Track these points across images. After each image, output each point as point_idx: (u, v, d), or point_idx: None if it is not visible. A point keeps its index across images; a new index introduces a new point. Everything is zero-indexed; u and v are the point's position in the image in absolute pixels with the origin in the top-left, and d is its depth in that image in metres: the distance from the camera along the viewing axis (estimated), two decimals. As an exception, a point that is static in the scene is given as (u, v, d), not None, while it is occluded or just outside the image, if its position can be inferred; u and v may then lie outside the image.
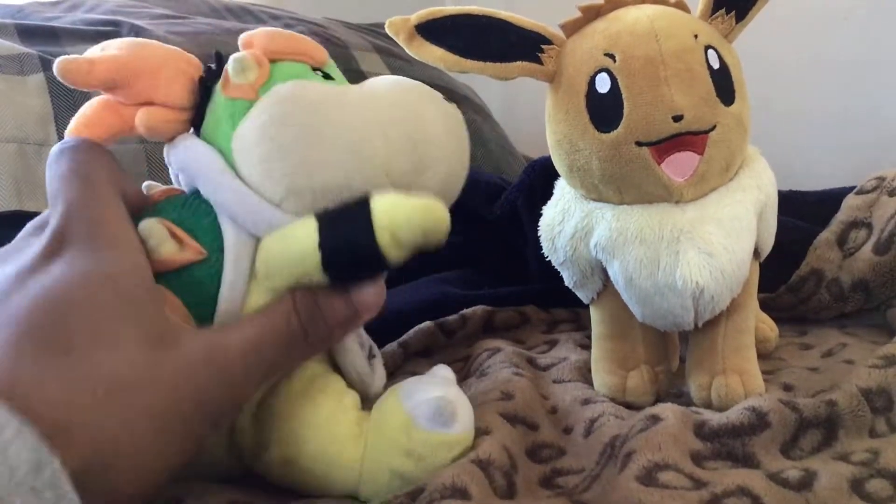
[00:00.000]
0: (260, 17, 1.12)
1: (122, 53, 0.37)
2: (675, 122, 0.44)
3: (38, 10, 1.01)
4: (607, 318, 0.52)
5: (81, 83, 0.37)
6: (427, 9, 0.47)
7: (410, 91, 0.40)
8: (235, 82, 0.38)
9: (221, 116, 0.38)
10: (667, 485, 0.37)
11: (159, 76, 0.38)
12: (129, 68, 0.37)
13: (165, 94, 0.38)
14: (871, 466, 0.38)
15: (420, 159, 0.38)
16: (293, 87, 0.38)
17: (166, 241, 0.36)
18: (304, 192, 0.36)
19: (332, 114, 0.37)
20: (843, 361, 0.55)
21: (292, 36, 0.40)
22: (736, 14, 0.48)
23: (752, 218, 0.47)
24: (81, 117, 0.38)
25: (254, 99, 0.37)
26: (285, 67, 0.39)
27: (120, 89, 0.37)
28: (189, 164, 0.38)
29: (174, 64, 0.39)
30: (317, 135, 0.36)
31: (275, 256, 0.36)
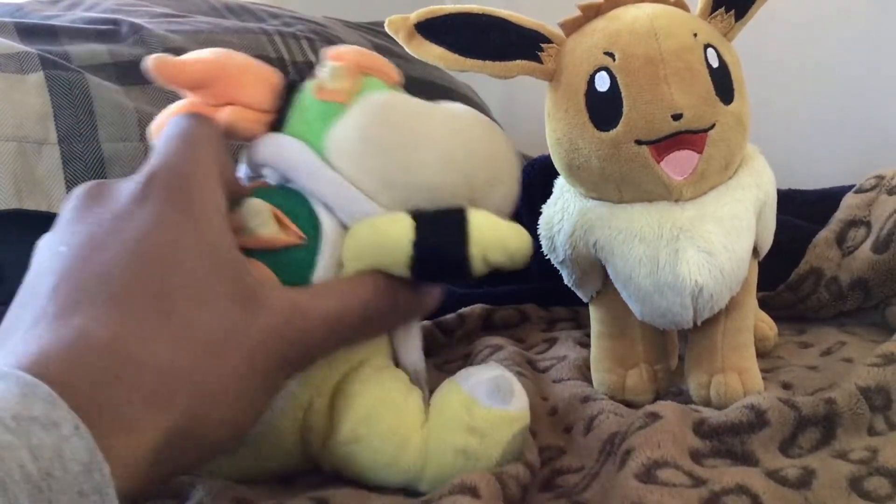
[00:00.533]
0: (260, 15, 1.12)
1: (210, 56, 0.40)
2: (675, 121, 0.44)
3: (37, 8, 1.01)
4: (606, 317, 0.52)
5: (172, 80, 0.38)
6: (426, 7, 0.47)
7: (480, 116, 0.43)
8: (330, 87, 0.41)
9: (312, 117, 0.40)
10: (666, 482, 0.37)
11: (245, 78, 0.40)
12: (217, 70, 0.40)
13: (251, 95, 0.40)
14: (870, 464, 0.38)
15: (494, 175, 0.41)
16: (389, 96, 0.41)
17: (270, 221, 0.38)
18: (398, 187, 0.39)
19: (424, 122, 0.40)
20: (842, 360, 0.55)
21: (375, 55, 0.43)
22: (735, 13, 0.48)
23: (751, 216, 0.47)
24: (167, 116, 0.39)
25: (345, 103, 0.40)
26: (371, 81, 0.42)
27: (207, 89, 0.39)
28: (282, 158, 0.40)
29: (258, 70, 0.41)
30: (413, 137, 0.40)
31: (365, 242, 0.38)
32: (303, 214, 0.39)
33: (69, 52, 0.85)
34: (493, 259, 0.38)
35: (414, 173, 0.39)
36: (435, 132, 0.40)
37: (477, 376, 0.40)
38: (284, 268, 0.37)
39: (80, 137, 0.78)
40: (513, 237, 0.39)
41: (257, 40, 0.99)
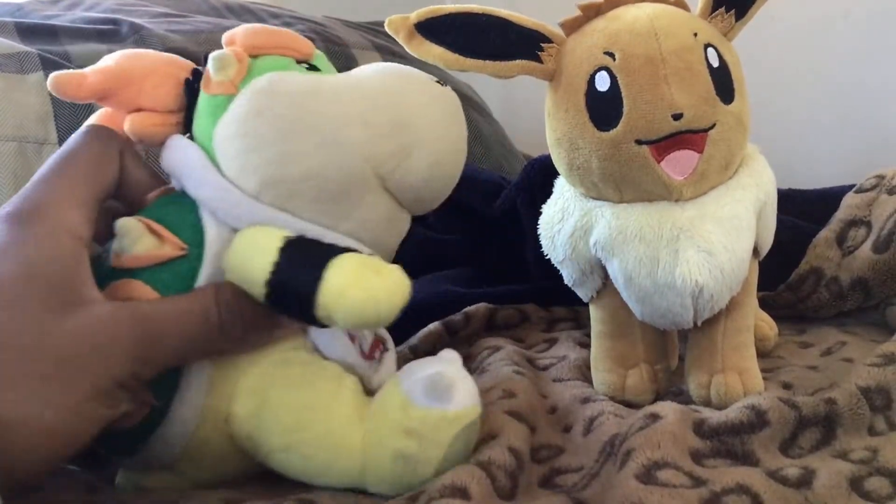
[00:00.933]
0: (260, 15, 1.12)
1: (112, 65, 0.39)
2: (675, 121, 0.44)
3: (37, 8, 1.01)
4: (607, 317, 0.52)
5: (73, 95, 0.38)
6: (427, 7, 0.46)
7: (396, 76, 0.40)
8: (216, 79, 0.39)
9: (203, 114, 0.39)
10: (666, 483, 0.37)
11: (145, 82, 0.39)
12: (118, 78, 0.39)
13: (152, 98, 0.39)
14: (871, 464, 0.38)
15: (404, 143, 0.38)
16: (269, 80, 0.38)
17: (143, 237, 0.37)
18: (278, 183, 0.37)
19: (308, 104, 0.37)
20: (843, 360, 0.55)
21: (274, 31, 0.41)
22: (735, 12, 0.48)
23: (751, 216, 0.47)
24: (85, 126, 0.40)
25: (234, 94, 0.38)
26: (267, 62, 0.39)
27: (109, 99, 0.39)
28: (174, 163, 0.39)
29: (163, 69, 0.40)
30: (290, 126, 0.37)
31: (235, 258, 0.36)
32: (188, 223, 0.38)
33: (69, 51, 0.85)
34: (340, 323, 0.35)
35: (289, 166, 0.37)
36: (317, 113, 0.37)
37: (415, 374, 0.38)
38: (171, 282, 0.37)
39: (80, 137, 0.78)
40: (369, 307, 0.34)
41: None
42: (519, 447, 0.39)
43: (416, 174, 0.39)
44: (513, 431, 0.40)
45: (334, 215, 0.38)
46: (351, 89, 0.39)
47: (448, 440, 0.36)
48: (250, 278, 0.36)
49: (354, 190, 0.38)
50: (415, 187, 0.39)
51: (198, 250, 0.37)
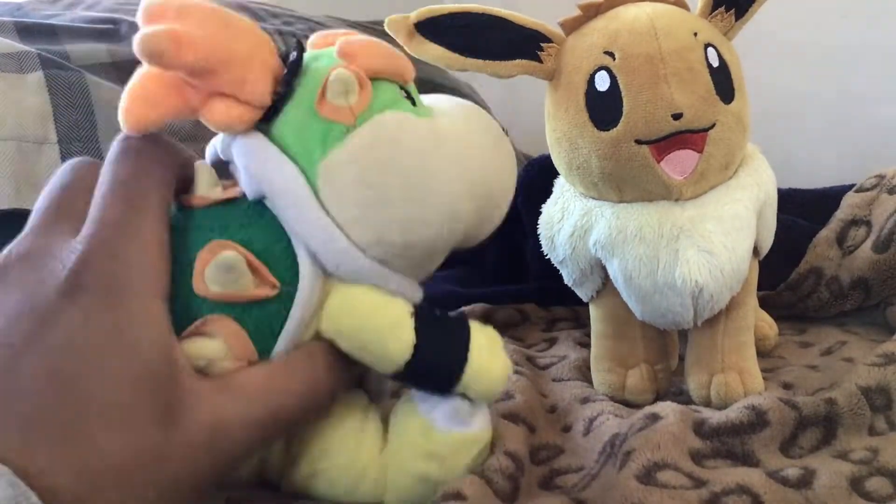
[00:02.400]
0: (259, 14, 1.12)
1: (210, 35, 0.33)
2: (675, 120, 0.44)
3: (37, 7, 1.01)
4: (607, 317, 0.52)
5: (165, 65, 0.32)
6: (426, 7, 0.46)
7: (488, 134, 0.38)
8: (334, 102, 0.34)
9: (310, 135, 0.34)
10: (666, 484, 0.37)
11: (248, 70, 0.33)
12: (218, 56, 0.33)
13: (252, 91, 0.34)
14: (871, 465, 0.38)
15: (490, 212, 0.38)
16: (396, 128, 0.35)
17: (245, 275, 0.33)
18: (395, 245, 0.35)
19: (435, 166, 0.35)
20: (843, 359, 0.55)
21: (392, 52, 0.37)
22: (735, 12, 0.48)
23: (751, 216, 0.47)
24: (143, 93, 0.33)
25: (352, 125, 0.34)
26: (382, 90, 0.36)
27: (203, 77, 0.32)
28: (266, 178, 0.34)
29: (262, 55, 0.34)
30: (419, 190, 0.34)
31: (363, 329, 0.35)
32: (278, 252, 0.34)
33: (69, 51, 0.85)
34: (472, 396, 0.36)
35: (412, 231, 0.35)
36: (444, 178, 0.35)
37: (435, 397, 0.37)
38: (257, 320, 0.34)
39: (79, 137, 0.78)
40: (498, 383, 0.36)
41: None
42: (516, 450, 0.39)
43: (484, 235, 0.38)
44: (508, 435, 0.40)
45: (417, 269, 0.37)
46: (465, 148, 0.36)
47: (468, 461, 0.37)
48: (383, 355, 0.34)
49: (447, 251, 0.37)
50: (475, 243, 0.39)
51: (289, 289, 0.34)
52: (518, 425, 0.43)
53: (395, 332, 0.34)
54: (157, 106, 0.33)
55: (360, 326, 0.35)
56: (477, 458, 0.37)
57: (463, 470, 0.37)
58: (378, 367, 0.35)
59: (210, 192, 0.35)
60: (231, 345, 0.33)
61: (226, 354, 0.33)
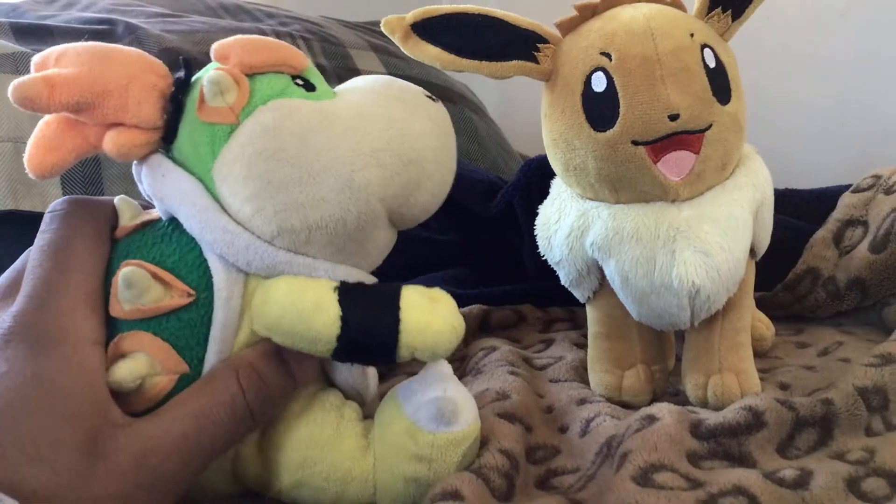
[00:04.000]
0: (256, 15, 1.12)
1: (83, 71, 0.34)
2: (672, 121, 0.44)
3: (33, 8, 1.01)
4: (604, 317, 0.52)
5: (42, 109, 0.33)
6: (423, 7, 0.46)
7: (398, 101, 0.37)
8: (212, 104, 0.35)
9: (199, 142, 0.35)
10: (663, 486, 0.37)
11: (128, 95, 0.34)
12: (94, 89, 0.33)
13: (136, 114, 0.34)
14: (868, 465, 0.38)
15: (412, 178, 0.36)
16: (278, 115, 0.35)
17: (151, 287, 0.34)
18: (298, 230, 0.35)
19: (321, 143, 0.35)
20: (840, 360, 0.55)
21: (269, 45, 0.37)
22: (732, 12, 0.48)
23: (748, 217, 0.47)
24: (42, 139, 0.34)
25: (234, 123, 0.35)
26: (265, 83, 0.36)
27: (84, 112, 0.34)
28: (171, 197, 0.35)
29: (143, 78, 0.35)
30: (305, 171, 0.34)
31: (285, 317, 0.34)
32: (191, 264, 0.35)
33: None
34: (419, 356, 0.35)
35: (309, 213, 0.34)
36: (333, 155, 0.35)
37: (419, 398, 0.37)
38: (180, 331, 0.34)
39: (75, 138, 0.78)
40: (444, 338, 0.35)
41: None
42: (510, 448, 0.39)
43: (421, 206, 0.37)
44: (503, 433, 0.40)
45: (345, 253, 0.36)
46: (358, 119, 0.36)
47: (457, 459, 0.37)
48: (313, 336, 0.34)
49: (368, 228, 0.36)
50: (417, 217, 0.38)
51: (206, 294, 0.35)
52: (514, 424, 0.43)
53: (319, 310, 0.34)
54: (55, 150, 0.34)
55: (282, 313, 0.34)
56: (466, 455, 0.37)
57: (453, 468, 0.36)
58: (314, 350, 0.34)
59: (131, 222, 0.36)
60: (156, 358, 0.34)
61: (155, 369, 0.34)
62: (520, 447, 0.41)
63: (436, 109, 0.39)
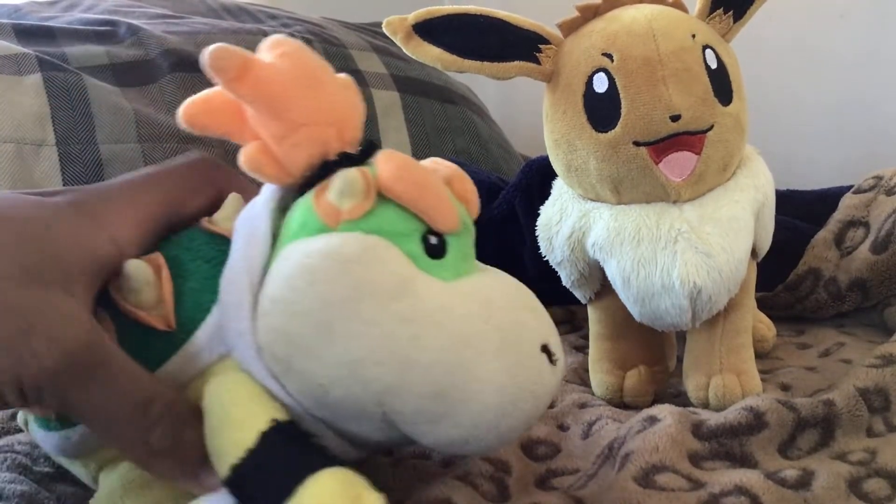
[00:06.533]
0: (257, 16, 1.12)
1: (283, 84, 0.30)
2: (673, 122, 0.44)
3: (35, 9, 1.01)
4: (605, 318, 0.52)
5: (222, 83, 0.30)
6: (425, 8, 0.46)
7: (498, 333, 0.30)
8: (329, 198, 0.30)
9: (300, 212, 0.31)
10: (664, 487, 0.37)
11: (295, 134, 0.31)
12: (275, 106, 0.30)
13: (286, 153, 0.31)
14: (869, 466, 0.38)
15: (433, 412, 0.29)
16: (364, 255, 0.29)
17: (143, 293, 0.31)
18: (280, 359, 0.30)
19: (369, 312, 0.29)
20: (841, 361, 0.55)
21: (429, 188, 0.31)
22: (734, 13, 0.48)
23: (749, 218, 0.47)
24: (209, 101, 0.32)
25: (331, 228, 0.30)
26: (389, 215, 0.30)
27: (251, 112, 0.31)
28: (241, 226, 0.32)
29: (321, 129, 0.31)
30: (328, 332, 0.29)
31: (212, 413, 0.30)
32: (205, 302, 0.31)
33: (67, 53, 0.85)
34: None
35: (302, 360, 0.30)
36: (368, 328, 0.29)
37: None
38: (130, 342, 0.31)
39: (77, 139, 0.78)
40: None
41: (255, 41, 0.98)
42: (493, 454, 0.39)
43: (431, 440, 0.30)
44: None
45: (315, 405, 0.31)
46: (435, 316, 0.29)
47: None
48: (217, 449, 0.29)
49: (350, 410, 0.30)
50: (429, 445, 0.32)
51: (182, 337, 0.31)
52: None
53: (235, 428, 0.29)
54: (212, 115, 0.32)
55: (211, 402, 0.30)
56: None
57: None
58: (214, 459, 0.30)
59: (223, 221, 0.33)
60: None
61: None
62: (506, 449, 0.41)
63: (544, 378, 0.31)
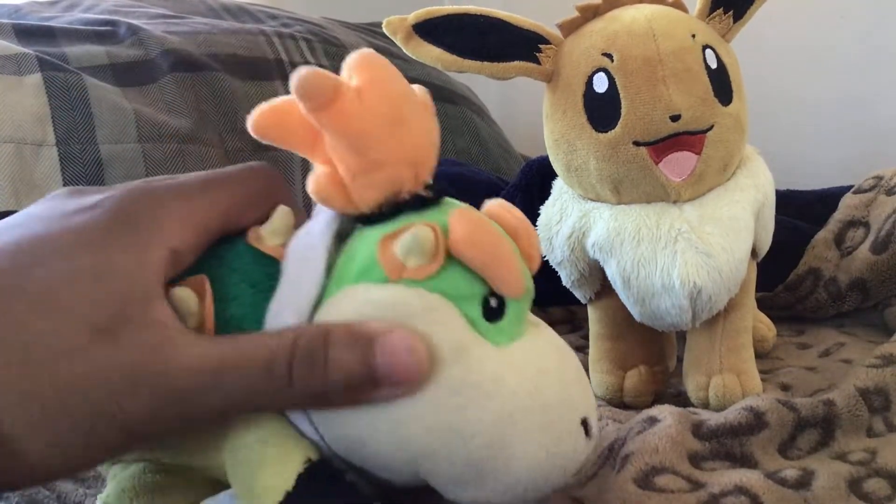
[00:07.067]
0: (258, 16, 1.12)
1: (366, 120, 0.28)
2: (673, 122, 0.44)
3: (35, 9, 1.01)
4: (605, 318, 0.52)
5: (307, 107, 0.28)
6: (424, 8, 0.46)
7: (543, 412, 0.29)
8: (394, 251, 0.29)
9: (363, 256, 0.29)
10: (664, 488, 0.37)
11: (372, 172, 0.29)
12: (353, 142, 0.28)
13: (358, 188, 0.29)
14: (869, 466, 0.38)
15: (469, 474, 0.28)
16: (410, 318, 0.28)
17: (188, 319, 0.29)
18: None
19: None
20: (841, 361, 0.55)
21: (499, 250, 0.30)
22: (734, 13, 0.48)
23: (749, 218, 0.47)
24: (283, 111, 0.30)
25: (394, 280, 0.29)
26: (454, 278, 0.29)
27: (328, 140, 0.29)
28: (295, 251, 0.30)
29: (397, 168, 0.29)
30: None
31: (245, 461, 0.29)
32: (243, 326, 0.30)
33: (67, 53, 0.85)
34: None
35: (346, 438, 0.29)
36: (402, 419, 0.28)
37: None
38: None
39: (77, 139, 0.78)
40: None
41: (255, 41, 0.99)
42: None
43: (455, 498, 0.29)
44: None
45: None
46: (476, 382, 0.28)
47: None
48: (252, 490, 0.29)
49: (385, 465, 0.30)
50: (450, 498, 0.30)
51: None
52: None
53: (271, 470, 0.29)
54: (283, 129, 0.31)
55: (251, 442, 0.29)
56: None
57: None
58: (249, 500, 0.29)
59: (270, 236, 0.31)
60: None
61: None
62: None
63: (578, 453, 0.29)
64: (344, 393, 0.28)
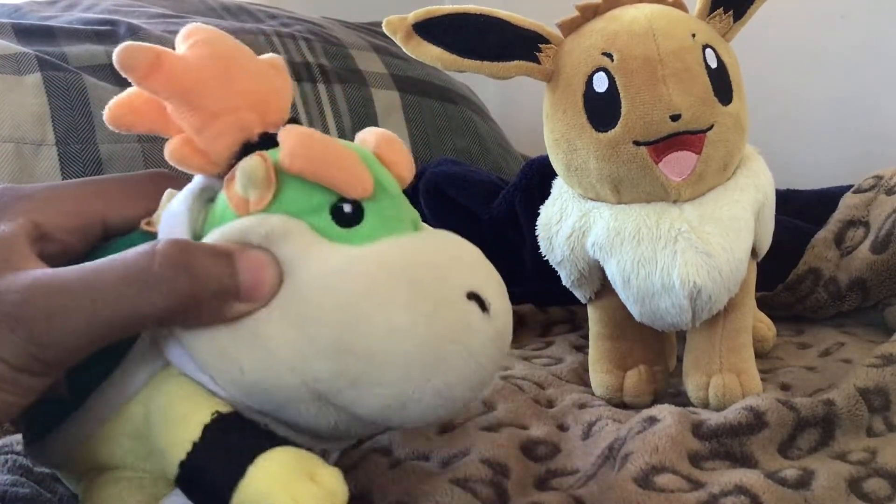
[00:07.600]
0: (258, 16, 1.12)
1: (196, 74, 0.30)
2: (673, 122, 0.44)
3: (35, 9, 1.01)
4: (605, 318, 0.52)
5: (136, 80, 0.30)
6: (424, 8, 0.46)
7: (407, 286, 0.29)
8: (237, 190, 0.30)
9: (217, 207, 0.31)
10: (664, 488, 0.37)
11: (214, 123, 0.31)
12: (190, 99, 0.30)
13: (209, 143, 0.31)
14: (869, 466, 0.38)
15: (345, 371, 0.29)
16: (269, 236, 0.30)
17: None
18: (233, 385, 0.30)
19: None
20: (841, 360, 0.55)
21: (328, 155, 0.30)
22: (734, 13, 0.48)
23: (749, 217, 0.47)
24: (131, 100, 0.33)
25: (242, 215, 0.31)
26: (294, 194, 0.30)
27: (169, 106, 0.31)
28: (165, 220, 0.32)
29: (242, 115, 0.31)
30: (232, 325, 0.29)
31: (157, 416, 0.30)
32: None
33: (66, 53, 0.85)
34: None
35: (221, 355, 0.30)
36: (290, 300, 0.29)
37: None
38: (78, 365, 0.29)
39: (77, 138, 0.78)
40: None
41: (255, 41, 0.99)
42: (492, 456, 0.39)
43: (365, 409, 0.30)
44: (486, 444, 0.40)
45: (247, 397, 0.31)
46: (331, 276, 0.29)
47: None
48: (163, 450, 0.30)
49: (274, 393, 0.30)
50: (369, 417, 0.30)
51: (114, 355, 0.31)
52: (498, 432, 0.43)
53: (179, 426, 0.30)
54: (136, 114, 0.33)
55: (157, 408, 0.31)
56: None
57: None
58: (163, 463, 0.30)
59: (159, 219, 0.33)
60: None
61: None
62: (506, 451, 0.41)
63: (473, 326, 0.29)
64: (213, 301, 0.29)
